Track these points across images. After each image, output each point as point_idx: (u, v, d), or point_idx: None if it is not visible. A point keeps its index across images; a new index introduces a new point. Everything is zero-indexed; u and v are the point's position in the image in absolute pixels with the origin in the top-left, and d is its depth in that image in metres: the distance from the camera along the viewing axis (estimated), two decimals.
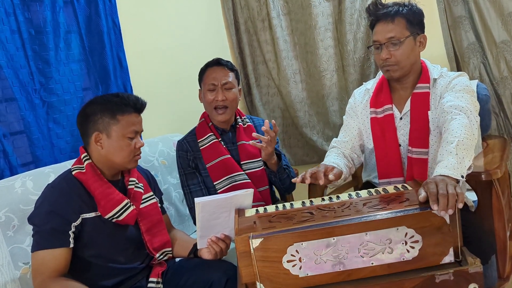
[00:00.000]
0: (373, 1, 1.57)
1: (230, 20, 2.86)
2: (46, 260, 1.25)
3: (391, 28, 1.49)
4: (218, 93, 1.73)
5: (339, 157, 1.59)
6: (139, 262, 1.45)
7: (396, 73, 1.53)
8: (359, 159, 1.68)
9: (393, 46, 1.49)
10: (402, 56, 1.49)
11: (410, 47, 1.50)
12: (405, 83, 1.58)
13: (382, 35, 1.50)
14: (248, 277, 1.07)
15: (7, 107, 1.62)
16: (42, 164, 1.67)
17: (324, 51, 2.66)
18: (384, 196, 1.19)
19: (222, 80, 1.74)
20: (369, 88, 1.68)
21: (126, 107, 1.38)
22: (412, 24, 1.50)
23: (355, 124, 1.67)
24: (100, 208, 1.35)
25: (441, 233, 1.03)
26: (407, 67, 1.52)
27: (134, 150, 1.40)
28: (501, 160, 1.62)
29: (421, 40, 1.53)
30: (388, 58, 1.50)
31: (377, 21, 1.54)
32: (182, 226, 2.05)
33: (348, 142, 1.66)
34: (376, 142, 1.60)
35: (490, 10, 2.19)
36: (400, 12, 1.50)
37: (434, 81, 1.54)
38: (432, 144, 1.50)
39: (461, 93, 1.43)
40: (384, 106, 1.59)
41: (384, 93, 1.61)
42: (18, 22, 1.64)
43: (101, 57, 1.96)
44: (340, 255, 1.04)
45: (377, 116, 1.60)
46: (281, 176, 1.75)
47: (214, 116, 1.78)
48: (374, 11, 1.54)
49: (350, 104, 1.72)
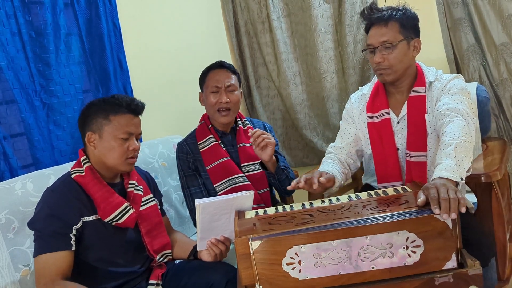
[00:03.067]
0: (367, 5, 1.58)
1: (230, 22, 2.86)
2: (49, 263, 1.25)
3: (384, 32, 1.49)
4: (221, 95, 1.73)
5: (334, 164, 1.59)
6: (139, 265, 1.45)
7: (389, 77, 1.53)
8: (356, 164, 1.69)
9: (386, 50, 1.49)
10: (395, 60, 1.50)
11: (404, 51, 1.50)
12: (401, 87, 1.58)
13: (375, 39, 1.51)
14: (247, 279, 1.07)
15: (7, 109, 1.63)
16: (42, 166, 1.67)
17: (324, 53, 2.67)
18: (384, 198, 1.19)
19: (225, 82, 1.75)
20: (365, 93, 1.68)
21: (119, 107, 1.37)
22: (406, 28, 1.50)
23: (351, 129, 1.68)
24: (100, 211, 1.34)
25: (443, 238, 1.02)
26: (401, 71, 1.53)
27: (127, 152, 1.38)
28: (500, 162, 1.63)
29: (415, 45, 1.53)
30: (381, 61, 1.51)
31: (371, 25, 1.54)
32: (182, 228, 2.05)
33: (344, 148, 1.66)
34: (374, 147, 1.61)
35: (490, 12, 2.20)
36: (393, 16, 1.50)
37: (430, 84, 1.54)
38: (430, 147, 1.50)
39: (457, 95, 1.43)
40: (380, 110, 1.59)
41: (380, 98, 1.61)
42: (18, 24, 1.65)
43: (101, 59, 1.96)
44: (340, 259, 1.03)
45: (374, 121, 1.60)
46: (280, 177, 1.75)
47: (217, 118, 1.78)
48: (368, 15, 1.55)
49: (347, 110, 1.71)
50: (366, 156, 1.70)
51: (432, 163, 1.52)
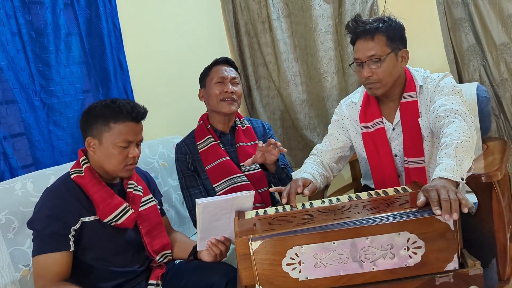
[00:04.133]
0: (352, 18, 1.54)
1: (230, 22, 2.86)
2: (47, 264, 1.25)
3: (371, 46, 1.46)
4: (227, 85, 1.76)
5: (316, 166, 1.58)
6: (138, 265, 1.45)
7: (379, 91, 1.51)
8: (338, 168, 1.68)
9: (374, 63, 1.47)
10: (384, 74, 1.47)
11: (392, 63, 1.48)
12: (392, 95, 1.57)
13: (362, 53, 1.48)
14: (247, 280, 1.06)
15: (7, 109, 1.63)
16: (42, 166, 1.67)
17: (324, 53, 2.66)
18: (384, 199, 1.19)
19: (231, 74, 1.79)
20: (356, 102, 1.66)
21: (120, 115, 1.34)
22: (393, 40, 1.48)
23: (340, 136, 1.67)
24: (99, 212, 1.34)
25: (444, 239, 1.01)
26: (390, 83, 1.51)
27: (126, 159, 1.36)
28: (501, 162, 1.62)
29: (403, 55, 1.51)
30: (370, 76, 1.48)
31: (356, 38, 1.51)
32: (182, 228, 2.05)
33: (329, 153, 1.65)
34: (370, 156, 1.60)
35: (490, 12, 2.19)
36: (379, 29, 1.46)
37: (421, 88, 1.53)
38: (427, 151, 1.50)
39: (451, 95, 1.42)
40: (374, 120, 1.58)
41: (372, 107, 1.59)
42: (18, 24, 1.65)
43: (101, 59, 1.96)
44: (341, 259, 1.03)
45: (368, 131, 1.60)
46: (280, 176, 1.75)
47: (221, 107, 1.77)
48: (354, 29, 1.51)
49: (337, 116, 1.70)
50: (363, 162, 1.70)
51: (429, 166, 1.53)
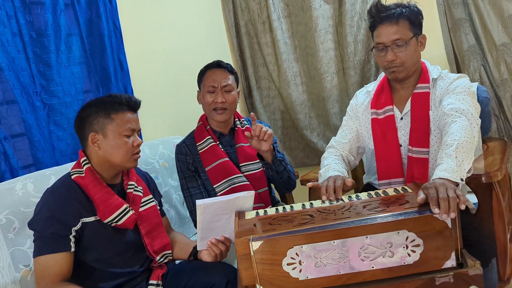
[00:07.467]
0: (373, 3, 1.58)
1: (230, 23, 2.86)
2: (48, 265, 1.26)
3: (395, 30, 1.50)
4: (217, 95, 1.74)
5: (340, 162, 1.59)
6: (138, 265, 1.45)
7: (402, 74, 1.54)
8: (355, 162, 1.70)
9: (399, 47, 1.50)
10: (407, 57, 1.51)
11: (414, 47, 1.53)
12: (406, 83, 1.59)
13: (387, 37, 1.51)
14: (248, 280, 1.07)
15: (8, 110, 1.62)
16: (43, 167, 1.67)
17: (324, 53, 2.67)
18: (384, 199, 1.19)
19: (222, 82, 1.75)
20: (370, 90, 1.69)
21: (120, 105, 1.39)
22: (414, 25, 1.52)
23: (354, 125, 1.68)
24: (99, 212, 1.35)
25: (442, 237, 1.02)
26: (412, 67, 1.55)
27: (132, 148, 1.40)
28: (501, 163, 1.63)
29: (421, 40, 1.56)
30: (394, 59, 1.51)
31: (380, 23, 1.54)
32: (183, 228, 2.05)
33: (347, 144, 1.67)
34: (377, 143, 1.61)
35: (490, 12, 2.20)
36: (403, 14, 1.51)
37: (434, 81, 1.55)
38: (432, 144, 1.50)
39: (462, 95, 1.43)
40: (385, 107, 1.60)
41: (385, 94, 1.62)
42: (19, 24, 1.65)
43: (102, 59, 1.96)
44: (341, 259, 1.03)
45: (378, 117, 1.61)
46: (277, 169, 1.74)
47: (213, 116, 1.78)
48: (377, 13, 1.54)
49: (352, 105, 1.72)
50: (368, 153, 1.71)
51: (434, 161, 1.52)
